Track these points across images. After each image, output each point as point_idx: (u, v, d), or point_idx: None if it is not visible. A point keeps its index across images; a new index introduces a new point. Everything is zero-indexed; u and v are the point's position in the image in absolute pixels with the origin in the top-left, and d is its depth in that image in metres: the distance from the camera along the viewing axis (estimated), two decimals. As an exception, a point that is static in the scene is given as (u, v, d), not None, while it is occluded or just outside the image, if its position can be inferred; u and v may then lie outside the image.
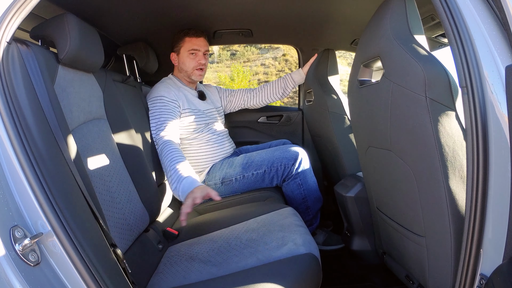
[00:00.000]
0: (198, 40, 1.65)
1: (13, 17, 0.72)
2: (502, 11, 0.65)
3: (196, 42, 1.65)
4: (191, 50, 1.64)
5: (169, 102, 1.55)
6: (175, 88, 1.63)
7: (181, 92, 1.64)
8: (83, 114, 1.01)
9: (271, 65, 16.02)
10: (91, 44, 1.02)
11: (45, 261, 0.67)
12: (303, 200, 1.61)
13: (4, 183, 0.67)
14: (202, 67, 1.67)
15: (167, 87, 1.60)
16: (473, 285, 0.71)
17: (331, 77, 1.79)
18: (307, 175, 1.60)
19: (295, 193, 1.60)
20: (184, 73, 1.69)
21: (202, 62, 1.66)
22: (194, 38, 1.64)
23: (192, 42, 1.64)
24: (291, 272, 0.85)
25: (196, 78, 1.69)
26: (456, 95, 0.80)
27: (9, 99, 0.70)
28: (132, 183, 1.16)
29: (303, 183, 1.59)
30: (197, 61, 1.65)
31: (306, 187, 1.60)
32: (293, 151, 1.58)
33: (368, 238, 1.47)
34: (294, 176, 1.58)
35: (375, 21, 0.98)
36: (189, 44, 1.64)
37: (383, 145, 1.03)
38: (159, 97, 1.55)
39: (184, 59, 1.66)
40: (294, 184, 1.59)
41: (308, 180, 1.60)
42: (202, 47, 1.66)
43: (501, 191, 0.65)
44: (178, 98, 1.59)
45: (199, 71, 1.67)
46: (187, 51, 1.65)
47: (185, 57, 1.65)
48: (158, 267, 1.04)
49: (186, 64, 1.66)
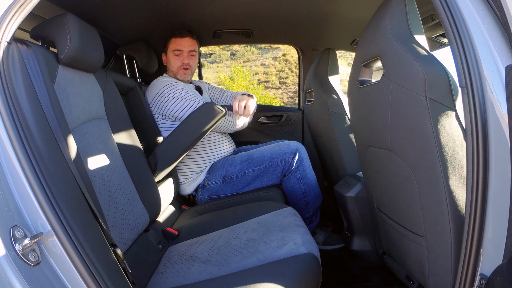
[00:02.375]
0: (182, 41, 1.67)
1: (13, 17, 0.72)
2: (502, 11, 0.65)
3: (180, 43, 1.67)
4: (175, 51, 1.67)
5: (183, 88, 1.57)
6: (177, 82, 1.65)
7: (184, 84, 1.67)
8: (83, 114, 1.01)
9: (271, 65, 16.02)
10: (91, 44, 1.02)
11: (45, 261, 0.67)
12: (303, 195, 1.63)
13: (4, 183, 0.67)
14: (186, 66, 1.69)
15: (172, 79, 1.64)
16: (473, 285, 0.71)
17: (331, 77, 1.79)
18: (306, 169, 1.62)
19: (295, 187, 1.62)
20: (171, 73, 1.72)
21: (185, 62, 1.68)
22: (179, 38, 1.67)
23: (176, 42, 1.67)
24: (291, 272, 0.85)
25: (181, 77, 1.71)
26: (456, 95, 0.80)
27: (9, 99, 0.70)
28: (132, 183, 1.16)
29: (303, 177, 1.61)
30: (181, 61, 1.67)
31: (306, 181, 1.62)
32: (292, 145, 1.63)
33: (368, 238, 1.47)
34: (294, 170, 1.60)
35: (375, 21, 0.98)
36: (173, 45, 1.68)
37: (383, 145, 1.03)
38: (173, 83, 1.58)
39: (170, 59, 1.70)
40: (294, 178, 1.61)
41: (307, 175, 1.62)
42: (186, 47, 1.68)
43: (501, 191, 0.65)
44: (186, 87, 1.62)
45: (184, 70, 1.69)
46: (172, 51, 1.68)
47: (171, 57, 1.69)
48: (158, 267, 1.04)
49: (171, 64, 1.69)
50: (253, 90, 13.87)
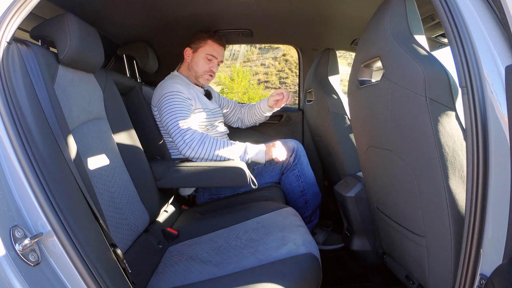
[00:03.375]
0: (220, 48, 1.63)
1: (13, 17, 0.72)
2: (502, 11, 0.65)
3: (218, 49, 1.62)
4: (209, 55, 1.60)
5: (186, 99, 1.48)
6: (186, 86, 1.57)
7: (192, 90, 1.60)
8: (83, 114, 1.01)
9: (271, 65, 16.03)
10: (91, 44, 1.02)
11: (45, 261, 0.67)
12: (302, 193, 1.63)
13: (4, 183, 0.67)
14: (212, 74, 1.65)
15: (180, 84, 1.54)
16: (473, 285, 0.71)
17: (331, 77, 1.79)
18: (304, 167, 1.63)
19: (293, 185, 1.63)
20: (193, 73, 1.64)
21: (214, 70, 1.63)
22: (217, 44, 1.61)
23: (213, 47, 1.61)
24: (291, 272, 0.85)
25: (203, 82, 1.66)
26: (456, 95, 0.80)
27: (9, 99, 0.70)
28: (132, 183, 1.16)
29: (301, 175, 1.62)
30: (211, 67, 1.62)
31: (304, 179, 1.63)
32: (290, 143, 1.64)
33: (368, 238, 1.47)
34: (292, 168, 1.62)
35: (375, 21, 0.98)
36: (210, 48, 1.60)
37: (383, 145, 1.03)
38: (176, 92, 1.46)
39: (198, 60, 1.61)
40: (292, 176, 1.62)
41: (305, 172, 1.63)
42: (220, 56, 1.64)
43: (501, 191, 0.65)
44: (191, 96, 1.55)
45: (209, 76, 1.65)
46: (205, 53, 1.60)
47: (201, 59, 1.60)
48: (158, 267, 1.04)
49: (199, 65, 1.61)
50: (253, 90, 13.88)
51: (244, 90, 14.01)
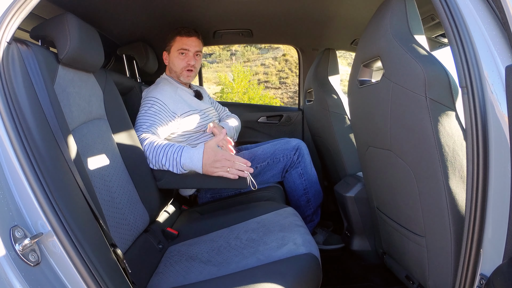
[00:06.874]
0: (189, 40, 1.56)
1: (13, 17, 0.72)
2: (502, 11, 0.65)
3: (187, 42, 1.56)
4: (180, 50, 1.56)
5: (165, 111, 1.43)
6: (172, 90, 1.55)
7: (178, 94, 1.57)
8: (83, 114, 1.01)
9: (271, 65, 16.04)
10: (91, 44, 1.02)
11: (45, 261, 0.67)
12: (304, 191, 1.64)
13: (4, 183, 0.67)
14: (191, 68, 1.58)
15: (166, 90, 1.51)
16: (473, 285, 0.71)
17: (331, 77, 1.79)
18: (307, 166, 1.64)
19: (296, 183, 1.63)
20: (173, 73, 1.62)
21: (191, 63, 1.57)
22: (185, 37, 1.55)
23: (182, 41, 1.56)
24: (291, 272, 0.85)
25: (184, 79, 1.60)
26: (456, 95, 0.80)
27: (9, 99, 0.70)
28: (132, 183, 1.16)
29: (304, 173, 1.63)
30: (187, 61, 1.56)
31: (307, 177, 1.63)
32: (293, 142, 1.66)
33: (368, 238, 1.47)
34: (295, 166, 1.62)
35: (375, 21, 0.98)
36: (179, 44, 1.56)
37: (383, 145, 1.03)
38: (155, 99, 1.43)
39: (173, 59, 1.58)
40: (295, 173, 1.63)
41: (308, 171, 1.64)
42: (193, 47, 1.57)
43: (501, 191, 0.65)
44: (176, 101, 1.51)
45: (188, 72, 1.59)
46: (176, 50, 1.56)
47: (175, 57, 1.57)
48: (158, 267, 1.04)
49: (175, 63, 1.58)
50: (253, 90, 13.88)
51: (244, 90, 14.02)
